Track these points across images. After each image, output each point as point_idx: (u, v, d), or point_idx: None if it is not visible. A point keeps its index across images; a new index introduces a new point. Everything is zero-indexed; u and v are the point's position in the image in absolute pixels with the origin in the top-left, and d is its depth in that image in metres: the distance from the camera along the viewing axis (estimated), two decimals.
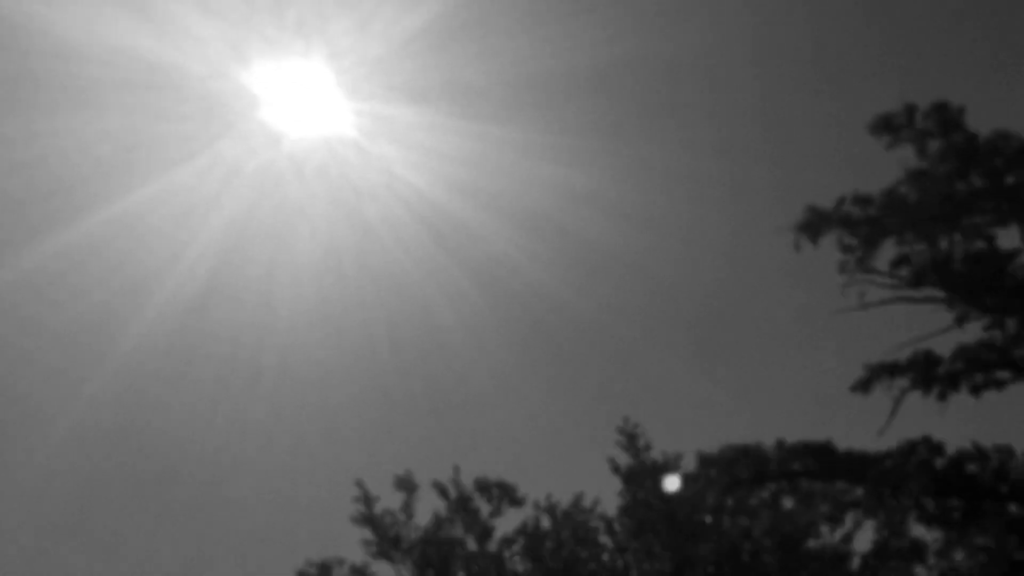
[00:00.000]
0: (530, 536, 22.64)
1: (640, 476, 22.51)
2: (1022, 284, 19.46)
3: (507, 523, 23.93)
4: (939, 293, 19.94)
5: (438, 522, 23.66)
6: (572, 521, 22.65)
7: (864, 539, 20.81)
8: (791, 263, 19.53)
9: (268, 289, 24.73)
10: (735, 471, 20.85)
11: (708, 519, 21.82)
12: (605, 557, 22.02)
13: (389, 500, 22.30)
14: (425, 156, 22.26)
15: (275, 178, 22.38)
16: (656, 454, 23.07)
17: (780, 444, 20.92)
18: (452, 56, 22.18)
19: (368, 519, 24.01)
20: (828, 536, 20.83)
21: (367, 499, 24.12)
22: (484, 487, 23.92)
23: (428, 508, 24.53)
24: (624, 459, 23.02)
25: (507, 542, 23.53)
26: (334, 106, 21.90)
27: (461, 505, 23.69)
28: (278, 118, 22.36)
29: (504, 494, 23.66)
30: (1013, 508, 19.70)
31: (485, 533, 23.84)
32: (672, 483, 20.10)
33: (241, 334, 25.24)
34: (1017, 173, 19.39)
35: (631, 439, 22.83)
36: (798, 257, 20.05)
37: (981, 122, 19.35)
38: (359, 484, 24.17)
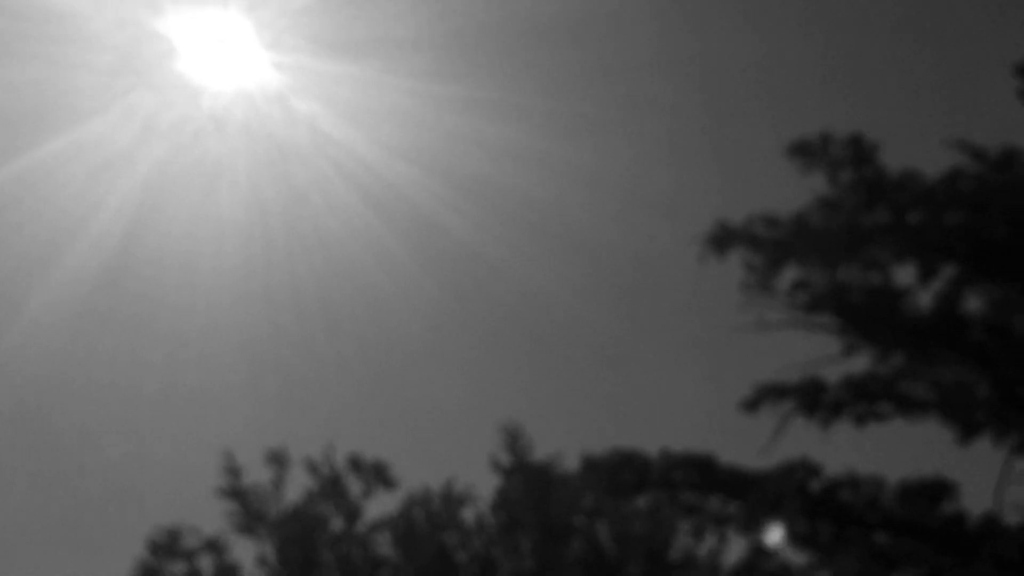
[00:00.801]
0: (403, 520, 22.46)
1: (518, 474, 22.53)
2: (912, 321, 19.99)
3: (381, 505, 23.65)
4: (833, 321, 20.33)
5: (307, 499, 23.37)
6: (445, 507, 22.56)
7: (734, 554, 21.11)
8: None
9: (188, 249, 23.98)
10: (617, 476, 21.01)
11: (581, 521, 21.92)
12: (477, 547, 21.96)
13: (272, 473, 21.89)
14: (353, 113, 21.82)
15: (194, 133, 21.68)
16: (539, 454, 23.00)
17: (664, 453, 21.15)
18: (380, 8, 21.77)
19: (235, 492, 23.61)
20: (697, 549, 21.07)
21: (234, 471, 23.71)
22: (357, 465, 23.64)
23: (303, 484, 24.11)
24: (505, 457, 23.02)
25: (377, 526, 23.33)
26: (255, 59, 21.32)
27: (332, 483, 23.42)
28: (196, 70, 21.70)
29: (377, 474, 23.44)
30: (880, 537, 20.21)
31: (354, 514, 23.62)
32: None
33: (160, 296, 24.40)
34: (919, 213, 19.87)
35: (513, 438, 22.86)
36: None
37: (894, 158, 19.81)
38: (227, 455, 23.71)
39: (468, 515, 23.03)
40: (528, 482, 22.56)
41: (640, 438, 21.19)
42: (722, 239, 20.81)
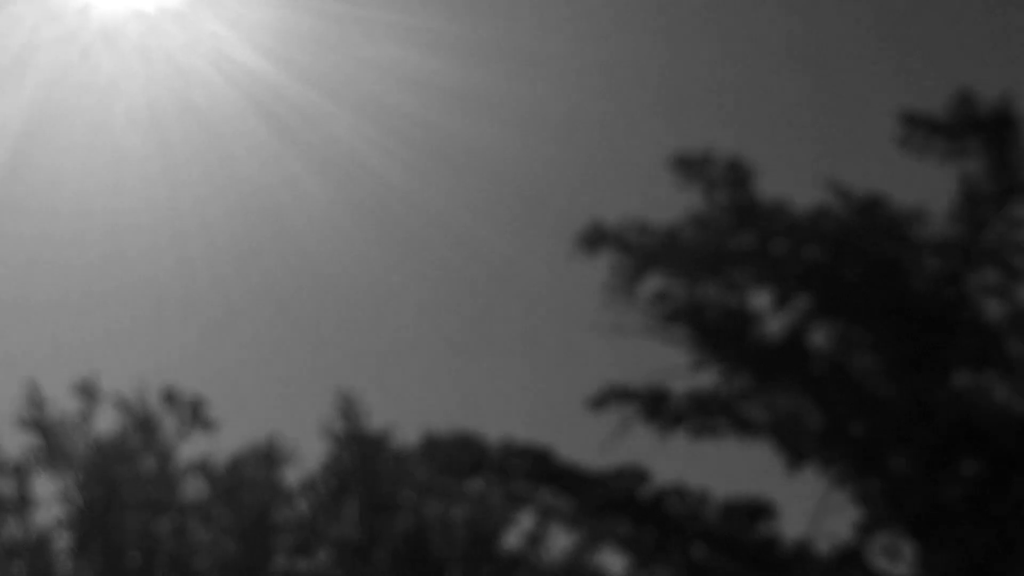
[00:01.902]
0: (228, 474, 21.63)
1: (349, 441, 22.07)
2: (760, 346, 20.64)
3: (196, 446, 22.62)
4: (686, 335, 20.76)
5: (116, 436, 22.25)
6: (269, 462, 21.85)
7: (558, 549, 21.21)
8: None
9: (80, 177, 22.28)
10: (454, 457, 20.84)
11: (410, 497, 21.63)
12: (302, 510, 21.36)
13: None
14: (258, 34, 20.78)
15: (82, 51, 20.24)
16: (375, 422, 22.58)
17: (504, 441, 21.17)
18: None
19: (36, 424, 22.25)
20: (522, 541, 21.10)
21: (37, 402, 22.32)
22: (172, 400, 22.58)
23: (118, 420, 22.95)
24: (339, 423, 22.49)
25: (191, 468, 22.35)
26: None
27: (145, 421, 22.32)
28: None
29: (194, 413, 22.46)
30: (698, 549, 20.66)
31: (166, 455, 22.57)
32: None
33: (47, 227, 22.56)
34: (783, 243, 20.56)
35: (349, 404, 22.37)
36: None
37: (770, 185, 20.43)
38: (30, 384, 22.36)
39: (292, 476, 22.35)
40: (360, 451, 22.09)
41: (484, 423, 21.09)
42: (593, 239, 21.08)
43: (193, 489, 22.44)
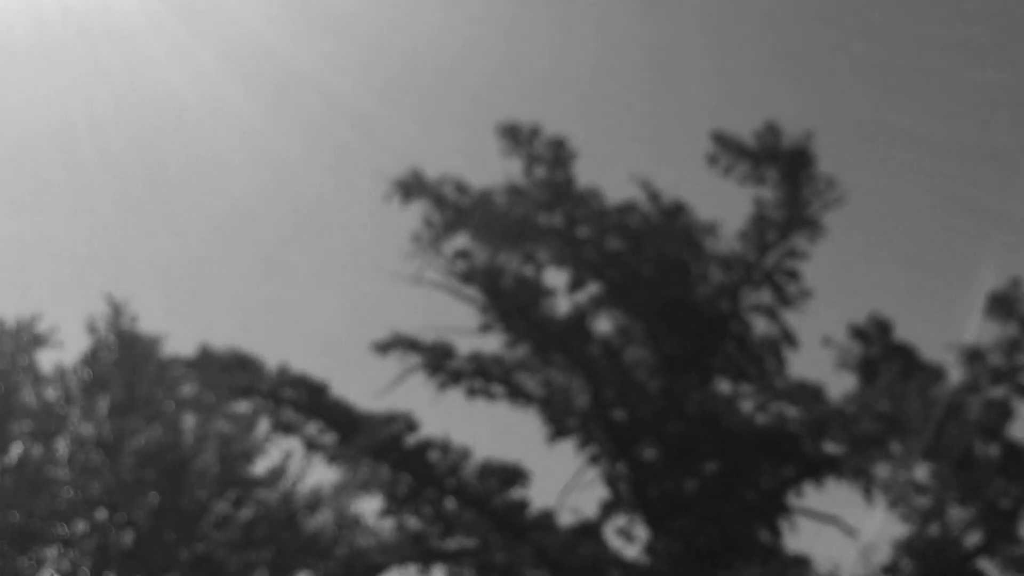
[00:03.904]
0: None
1: (111, 338, 21.02)
2: (546, 321, 21.16)
3: None
4: (480, 297, 21.02)
5: None
6: (20, 342, 20.42)
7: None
8: None
9: None
10: (228, 375, 20.17)
11: (170, 407, 20.82)
12: (51, 395, 20.15)
13: None
14: None
15: None
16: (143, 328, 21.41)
17: (282, 368, 20.65)
18: None
19: None
20: (278, 473, 20.71)
21: None
22: None
23: None
24: (106, 320, 21.30)
25: None
26: None
27: None
28: None
29: None
30: (450, 502, 21.01)
31: None
32: None
33: None
34: (589, 229, 21.13)
35: (120, 303, 21.25)
36: None
37: (589, 170, 20.87)
38: None
39: (47, 363, 20.87)
40: (121, 349, 20.97)
41: (269, 348, 20.43)
42: (410, 187, 20.92)
43: None
